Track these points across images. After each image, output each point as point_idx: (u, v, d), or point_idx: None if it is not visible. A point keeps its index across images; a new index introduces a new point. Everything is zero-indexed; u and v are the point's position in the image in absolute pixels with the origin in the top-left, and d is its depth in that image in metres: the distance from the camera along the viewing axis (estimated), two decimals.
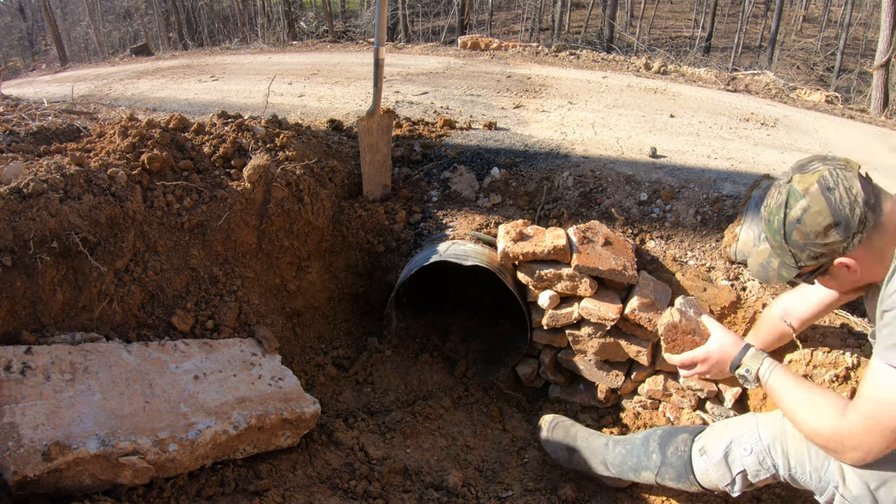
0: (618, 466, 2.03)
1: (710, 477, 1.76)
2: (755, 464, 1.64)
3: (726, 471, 1.70)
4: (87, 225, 1.93)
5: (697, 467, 1.79)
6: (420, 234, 2.73)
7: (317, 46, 7.69)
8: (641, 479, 1.97)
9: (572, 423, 2.26)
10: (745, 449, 1.66)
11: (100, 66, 7.56)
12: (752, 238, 2.34)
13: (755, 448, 1.64)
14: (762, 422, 1.68)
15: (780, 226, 1.45)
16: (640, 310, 2.20)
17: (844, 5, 21.19)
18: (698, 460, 1.79)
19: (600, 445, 2.12)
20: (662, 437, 1.94)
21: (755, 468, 1.64)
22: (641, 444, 1.99)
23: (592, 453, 2.11)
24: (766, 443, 1.63)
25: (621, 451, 2.04)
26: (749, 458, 1.65)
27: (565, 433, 2.21)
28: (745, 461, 1.66)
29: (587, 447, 2.13)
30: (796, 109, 4.87)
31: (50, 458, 1.44)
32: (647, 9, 24.21)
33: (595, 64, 6.17)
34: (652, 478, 1.92)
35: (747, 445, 1.66)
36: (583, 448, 2.14)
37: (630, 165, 2.96)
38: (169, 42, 17.46)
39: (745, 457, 1.66)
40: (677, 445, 1.87)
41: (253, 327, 2.24)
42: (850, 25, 19.22)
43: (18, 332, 1.77)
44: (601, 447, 2.11)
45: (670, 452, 1.87)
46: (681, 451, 1.85)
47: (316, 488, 1.90)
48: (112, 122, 2.76)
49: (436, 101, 4.24)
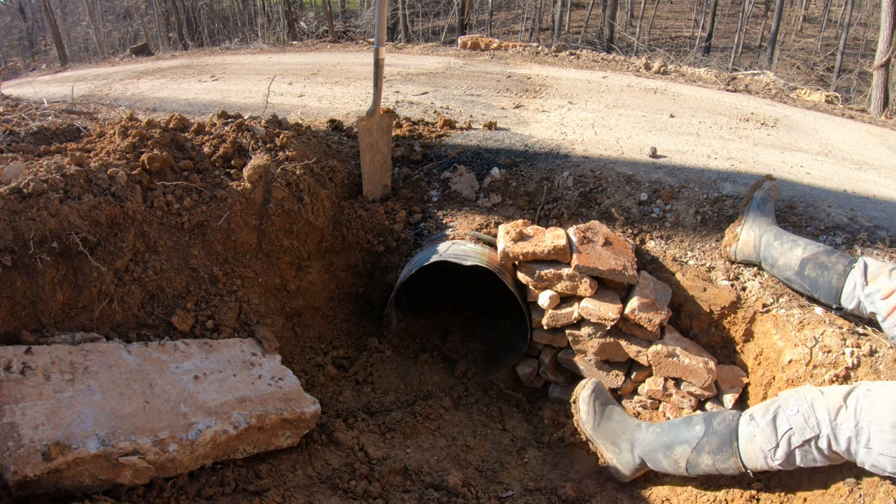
0: (647, 445, 2.05)
1: (755, 443, 1.80)
2: (801, 422, 1.70)
3: (772, 433, 1.76)
4: (87, 225, 1.93)
5: (744, 434, 1.84)
6: (420, 234, 2.73)
7: (317, 46, 7.69)
8: (671, 458, 1.98)
9: (612, 398, 2.31)
10: (793, 409, 1.74)
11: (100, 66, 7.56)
12: (752, 238, 2.34)
13: (801, 408, 1.72)
14: (804, 388, 1.79)
15: None
16: (640, 310, 2.21)
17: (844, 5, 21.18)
18: (746, 426, 1.84)
19: (633, 425, 2.16)
20: (707, 414, 2.00)
21: (801, 426, 1.70)
22: (682, 421, 2.04)
23: (623, 429, 2.15)
24: (809, 401, 1.71)
25: (656, 430, 2.07)
26: (795, 416, 1.72)
27: (605, 401, 2.25)
28: (791, 420, 1.72)
29: (620, 422, 2.18)
30: (796, 109, 4.87)
31: (50, 458, 1.44)
32: (647, 9, 24.20)
33: (595, 64, 6.17)
34: (687, 452, 1.94)
35: (794, 406, 1.74)
36: (616, 421, 2.18)
37: (630, 165, 2.96)
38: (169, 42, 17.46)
39: (792, 416, 1.73)
40: (725, 416, 1.93)
41: (253, 327, 2.24)
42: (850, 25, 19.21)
43: (18, 332, 1.77)
44: (633, 426, 2.15)
45: (717, 423, 1.93)
46: (728, 420, 1.91)
47: (316, 488, 1.90)
48: (112, 122, 2.76)
49: (436, 101, 4.24)
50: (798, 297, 2.26)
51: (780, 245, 2.23)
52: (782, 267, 2.22)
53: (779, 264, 2.23)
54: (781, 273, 2.24)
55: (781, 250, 2.22)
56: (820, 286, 2.09)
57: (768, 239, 2.28)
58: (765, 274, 2.37)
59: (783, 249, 2.22)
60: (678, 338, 2.30)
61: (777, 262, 2.24)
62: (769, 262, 2.28)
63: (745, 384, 2.26)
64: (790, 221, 2.56)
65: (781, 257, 2.22)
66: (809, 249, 2.15)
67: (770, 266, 2.29)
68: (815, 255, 2.13)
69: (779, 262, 2.23)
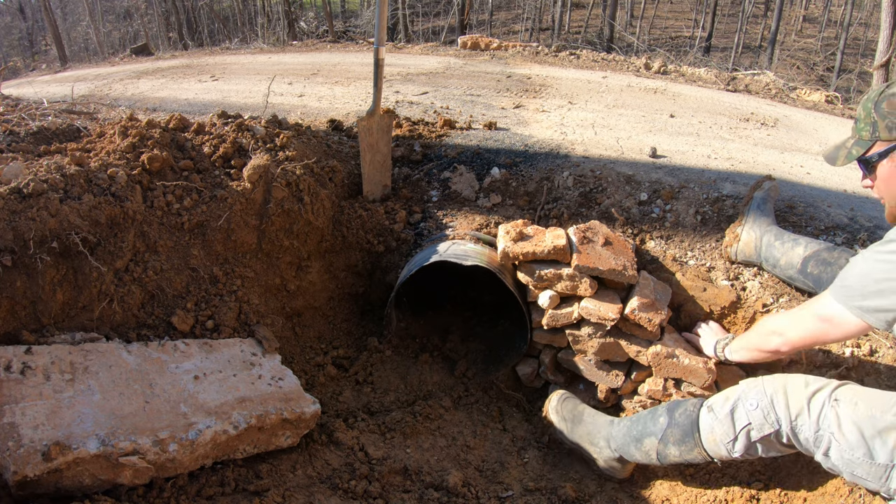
0: (620, 439, 2.06)
1: (714, 435, 1.78)
2: (760, 418, 1.68)
3: (730, 426, 1.74)
4: (87, 225, 1.93)
5: (703, 425, 1.82)
6: (420, 234, 2.73)
7: (317, 46, 7.69)
8: (642, 451, 1.99)
9: (581, 402, 2.32)
10: (751, 404, 1.71)
11: (100, 66, 7.56)
12: (753, 238, 2.34)
13: (760, 403, 1.68)
14: (767, 381, 1.73)
15: (875, 96, 1.60)
16: (639, 310, 2.20)
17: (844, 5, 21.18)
18: (705, 418, 1.82)
19: (605, 422, 2.16)
20: (671, 404, 1.99)
21: (759, 422, 1.68)
22: (649, 413, 2.03)
23: (596, 428, 2.16)
24: (769, 396, 1.67)
25: (626, 424, 2.07)
26: (754, 412, 1.69)
27: (573, 407, 2.27)
28: (750, 415, 1.70)
29: (592, 422, 2.19)
30: (796, 109, 4.87)
31: (50, 458, 1.44)
32: (647, 9, 24.20)
33: (595, 64, 6.17)
34: (654, 444, 1.94)
35: (753, 400, 1.71)
36: (588, 422, 2.19)
37: (630, 165, 2.96)
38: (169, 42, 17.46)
39: (750, 411, 1.70)
40: (686, 407, 1.92)
41: (253, 327, 2.24)
42: (850, 25, 19.21)
43: (18, 332, 1.77)
44: (605, 423, 2.16)
45: (678, 414, 1.92)
46: (689, 411, 1.89)
47: (316, 488, 1.90)
48: (112, 122, 2.76)
49: (436, 101, 4.23)
50: (798, 297, 2.27)
51: (782, 245, 2.24)
52: (784, 266, 2.22)
53: (781, 264, 2.23)
54: (784, 272, 2.24)
55: (783, 250, 2.22)
56: (824, 283, 2.09)
57: (769, 239, 2.28)
58: (765, 274, 2.37)
59: (784, 249, 2.22)
60: (677, 338, 2.30)
61: (779, 262, 2.24)
62: (771, 262, 2.28)
63: None
64: (790, 221, 2.56)
65: (783, 257, 2.22)
66: (811, 247, 2.15)
67: (772, 266, 2.29)
68: (816, 252, 2.13)
69: (781, 262, 2.23)
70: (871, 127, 1.60)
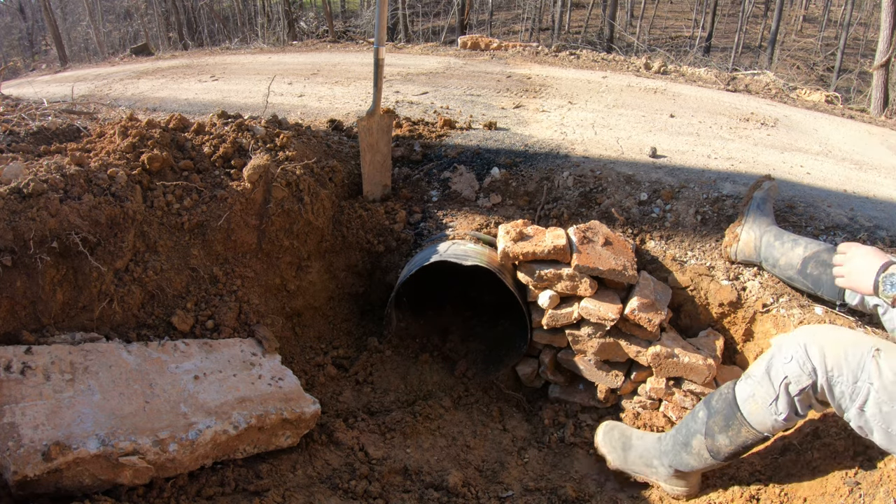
0: (670, 452, 2.02)
1: (756, 401, 1.73)
2: (796, 369, 1.63)
3: (769, 385, 1.68)
4: (87, 225, 1.93)
5: (743, 396, 1.77)
6: (420, 234, 2.73)
7: (317, 46, 7.69)
8: (694, 452, 1.94)
9: (627, 426, 2.28)
10: (786, 357, 1.66)
11: (100, 66, 7.56)
12: (752, 238, 2.34)
13: (795, 354, 1.63)
14: (800, 331, 1.68)
15: None
16: (639, 310, 2.21)
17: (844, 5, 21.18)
18: (744, 388, 1.77)
19: (653, 441, 2.13)
20: (706, 399, 1.95)
21: (796, 373, 1.63)
22: (688, 416, 2.00)
23: (647, 449, 2.12)
24: (804, 347, 1.62)
25: (671, 434, 2.04)
26: (790, 364, 1.64)
27: (621, 434, 2.23)
28: (786, 368, 1.65)
29: (641, 444, 2.15)
30: (796, 109, 4.87)
31: (50, 458, 1.44)
32: (647, 9, 24.20)
33: (595, 64, 6.17)
34: (702, 441, 1.90)
35: (787, 353, 1.66)
36: (637, 446, 2.15)
37: (630, 165, 2.96)
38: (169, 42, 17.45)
39: (786, 364, 1.65)
40: (721, 392, 1.88)
41: (253, 327, 2.24)
42: (850, 25, 19.21)
43: (18, 332, 1.77)
44: (654, 441, 2.12)
45: (715, 400, 1.88)
46: (724, 394, 1.85)
47: (316, 488, 1.90)
48: (112, 122, 2.76)
49: (436, 101, 4.23)
50: (798, 297, 2.27)
51: (781, 245, 2.24)
52: (784, 266, 2.22)
53: (780, 264, 2.23)
54: (783, 273, 2.24)
55: (782, 250, 2.22)
56: (823, 283, 2.09)
57: (769, 239, 2.28)
58: (765, 274, 2.37)
59: (784, 249, 2.22)
60: (674, 337, 2.30)
61: (778, 262, 2.24)
62: (770, 262, 2.28)
63: None
64: (790, 221, 2.56)
65: (783, 257, 2.22)
66: (811, 248, 2.15)
67: (771, 266, 2.29)
68: (816, 253, 2.13)
69: (780, 262, 2.23)
70: None
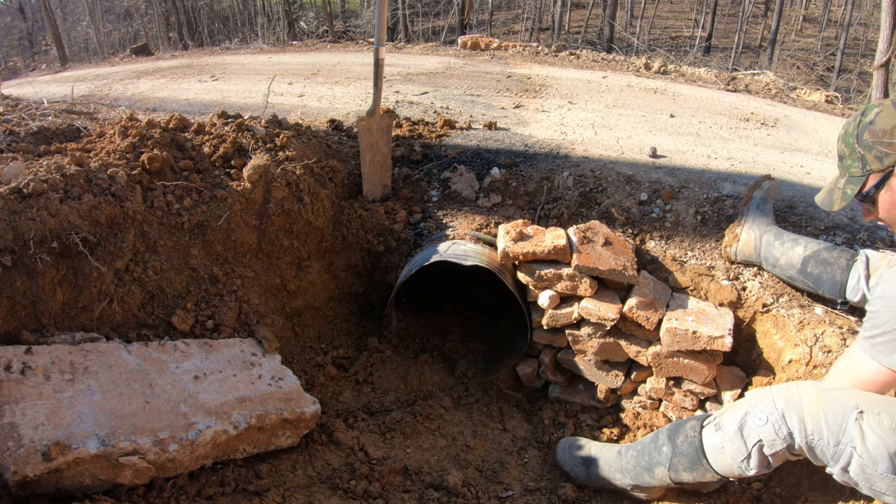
0: (632, 470, 2.02)
1: (724, 455, 1.72)
2: (771, 433, 1.61)
3: (741, 444, 1.67)
4: (87, 225, 1.93)
5: (710, 447, 1.76)
6: (420, 234, 2.73)
7: (317, 46, 7.69)
8: (656, 478, 1.95)
9: (587, 440, 2.26)
10: (761, 419, 1.63)
11: (100, 66, 7.56)
12: (752, 238, 2.34)
13: (770, 417, 1.60)
14: (776, 391, 1.66)
15: (854, 129, 1.60)
16: (638, 308, 2.21)
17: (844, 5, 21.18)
18: (712, 438, 1.76)
19: (613, 454, 2.11)
20: (671, 429, 1.93)
21: (771, 437, 1.61)
22: (651, 441, 1.99)
23: (608, 464, 2.10)
24: (780, 410, 1.60)
25: (633, 454, 2.03)
26: (765, 427, 1.61)
27: (580, 450, 2.21)
28: (760, 431, 1.62)
29: (602, 458, 2.13)
30: (796, 109, 4.87)
31: (50, 458, 1.44)
32: (647, 9, 24.19)
33: (595, 64, 6.17)
34: (665, 473, 1.90)
35: (762, 415, 1.63)
36: (598, 459, 2.13)
37: (630, 165, 2.96)
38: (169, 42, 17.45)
39: (760, 426, 1.62)
40: (686, 433, 1.86)
41: (253, 327, 2.24)
42: (850, 25, 19.20)
43: (18, 332, 1.77)
44: (615, 456, 2.10)
45: (680, 441, 1.86)
46: (690, 437, 1.83)
47: (316, 488, 1.90)
48: (112, 122, 2.76)
49: (436, 101, 4.23)
50: (798, 297, 2.26)
51: (781, 244, 2.24)
52: (784, 266, 2.22)
53: (780, 264, 2.23)
54: (783, 272, 2.24)
55: (782, 250, 2.22)
56: (824, 282, 2.09)
57: (769, 239, 2.28)
58: (765, 274, 2.37)
59: (784, 249, 2.22)
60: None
61: (779, 262, 2.24)
62: (770, 262, 2.28)
63: (746, 384, 2.26)
64: (790, 221, 2.56)
65: (783, 256, 2.22)
66: (811, 247, 2.15)
67: (771, 266, 2.29)
68: (816, 252, 2.13)
69: (780, 262, 2.23)
70: (859, 162, 1.58)
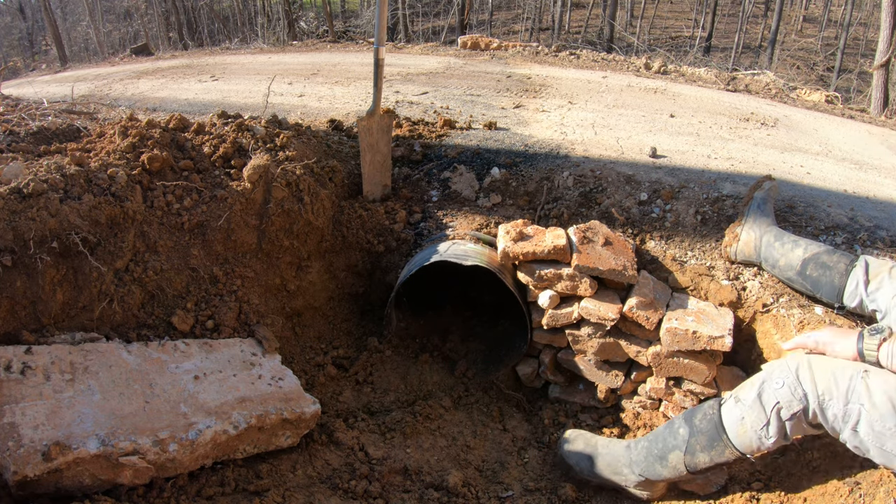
0: (642, 462, 2.01)
1: (745, 424, 1.74)
2: (788, 395, 1.65)
3: (761, 410, 1.70)
4: (87, 225, 1.93)
5: (730, 420, 1.78)
6: (420, 234, 2.73)
7: (317, 46, 7.69)
8: (669, 465, 1.94)
9: (592, 435, 2.26)
10: (777, 382, 1.68)
11: (100, 66, 7.55)
12: (752, 238, 2.34)
13: (787, 380, 1.66)
14: (792, 358, 1.71)
15: None
16: (638, 308, 2.21)
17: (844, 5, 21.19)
18: (731, 411, 1.79)
19: (622, 448, 2.11)
20: (686, 414, 1.95)
21: (788, 399, 1.65)
22: (665, 428, 1.99)
23: (615, 458, 2.10)
24: (794, 372, 1.65)
25: (644, 445, 2.03)
26: (782, 390, 1.66)
27: (585, 443, 2.21)
28: (778, 393, 1.67)
29: (609, 453, 2.12)
30: (796, 109, 4.87)
31: (50, 458, 1.44)
32: (648, 9, 24.19)
33: (595, 64, 6.17)
34: (680, 457, 1.90)
35: (779, 379, 1.68)
36: (605, 454, 2.13)
37: (630, 165, 2.96)
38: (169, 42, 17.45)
39: (777, 389, 1.67)
40: (704, 412, 1.88)
41: (253, 327, 2.24)
42: (850, 25, 19.20)
43: (18, 332, 1.77)
44: (623, 450, 2.10)
45: (698, 420, 1.88)
46: (709, 415, 1.86)
47: (316, 488, 1.90)
48: (112, 122, 2.76)
49: (436, 101, 4.23)
50: (798, 297, 2.26)
51: (781, 245, 2.23)
52: (783, 267, 2.22)
53: (780, 265, 2.23)
54: (783, 273, 2.24)
55: (782, 251, 2.22)
56: (822, 286, 2.09)
57: (769, 239, 2.28)
58: (765, 274, 2.37)
59: (784, 250, 2.22)
60: None
61: (778, 263, 2.24)
62: (770, 263, 2.28)
63: None
64: (790, 221, 2.56)
65: (782, 258, 2.22)
66: (810, 249, 2.15)
67: (771, 266, 2.29)
68: (816, 254, 2.13)
69: (780, 263, 2.23)
70: None
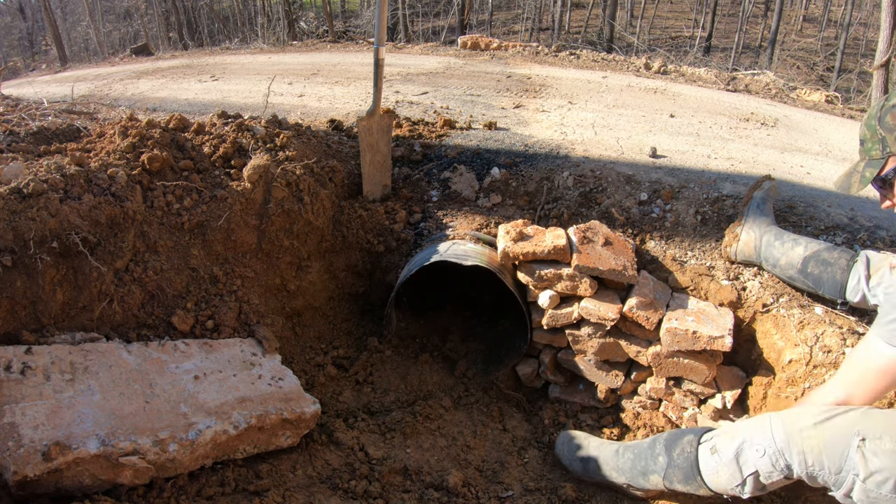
0: (628, 472, 2.02)
1: (719, 478, 1.73)
2: (768, 465, 1.61)
3: (737, 471, 1.67)
4: (87, 225, 1.93)
5: (706, 467, 1.77)
6: (420, 234, 2.73)
7: (317, 46, 7.69)
8: (651, 484, 1.96)
9: (586, 436, 2.27)
10: (758, 450, 1.62)
11: (100, 66, 7.56)
12: (752, 238, 2.34)
13: (768, 449, 1.60)
14: (776, 422, 1.64)
15: (877, 112, 1.59)
16: (638, 308, 2.21)
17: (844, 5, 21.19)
18: (708, 460, 1.76)
19: (611, 453, 2.12)
20: (668, 439, 1.93)
21: (768, 469, 1.61)
22: (648, 447, 1.99)
23: (605, 461, 2.11)
24: (779, 444, 1.59)
25: (630, 456, 2.04)
26: (762, 459, 1.61)
27: (580, 445, 2.22)
28: (757, 462, 1.62)
29: (600, 455, 2.13)
30: (796, 109, 4.87)
31: (50, 458, 1.44)
32: (647, 9, 24.18)
33: (595, 64, 6.17)
34: (660, 481, 1.91)
35: (760, 447, 1.62)
36: (597, 457, 2.14)
37: (630, 165, 2.96)
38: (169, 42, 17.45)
39: (757, 458, 1.62)
40: (682, 447, 1.86)
41: (253, 327, 2.24)
42: (850, 25, 19.21)
43: (18, 332, 1.77)
44: (612, 455, 2.11)
45: (676, 454, 1.87)
46: (686, 452, 1.83)
47: (316, 488, 1.90)
48: (112, 122, 2.76)
49: (436, 101, 4.23)
50: (798, 297, 2.27)
51: (781, 245, 2.24)
52: (784, 266, 2.22)
53: (781, 264, 2.23)
54: (784, 272, 2.24)
55: (783, 250, 2.22)
56: (824, 282, 2.09)
57: (769, 239, 2.28)
58: (765, 274, 2.37)
59: (784, 249, 2.22)
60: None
61: (779, 262, 2.24)
62: (770, 262, 2.28)
63: (746, 384, 2.26)
64: (790, 221, 2.56)
65: (783, 257, 2.22)
66: (811, 247, 2.15)
67: (772, 266, 2.29)
68: (816, 252, 2.13)
69: (780, 262, 2.23)
70: (880, 144, 1.56)
